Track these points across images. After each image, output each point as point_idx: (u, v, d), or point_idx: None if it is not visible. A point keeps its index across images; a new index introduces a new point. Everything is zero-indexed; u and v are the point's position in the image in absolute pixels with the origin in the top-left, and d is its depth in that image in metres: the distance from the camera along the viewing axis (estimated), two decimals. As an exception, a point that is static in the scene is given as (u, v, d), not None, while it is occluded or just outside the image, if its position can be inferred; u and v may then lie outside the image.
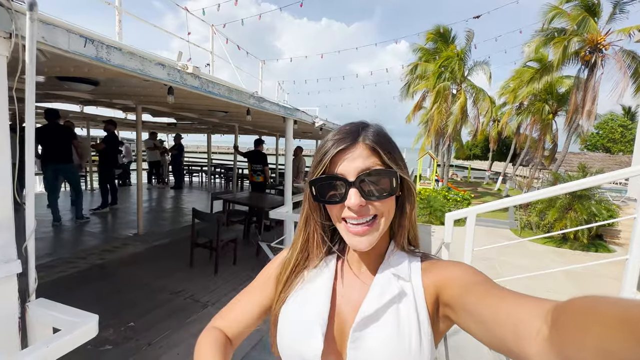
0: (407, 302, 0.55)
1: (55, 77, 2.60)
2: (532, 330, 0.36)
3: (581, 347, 0.28)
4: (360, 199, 0.52)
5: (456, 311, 0.50)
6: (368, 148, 0.54)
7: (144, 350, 2.37)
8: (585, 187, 1.91)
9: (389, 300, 0.54)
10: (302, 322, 0.57)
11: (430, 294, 0.55)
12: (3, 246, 1.18)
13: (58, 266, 3.71)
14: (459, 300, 0.50)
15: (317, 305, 0.57)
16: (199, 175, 12.97)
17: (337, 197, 0.54)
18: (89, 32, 1.46)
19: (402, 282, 0.56)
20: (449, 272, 0.55)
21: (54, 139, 4.89)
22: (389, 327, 0.53)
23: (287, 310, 0.61)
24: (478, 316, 0.45)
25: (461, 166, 30.87)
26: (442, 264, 0.58)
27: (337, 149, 0.54)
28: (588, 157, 20.17)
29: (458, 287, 0.51)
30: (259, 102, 2.86)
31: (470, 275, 0.52)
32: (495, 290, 0.46)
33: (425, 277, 0.57)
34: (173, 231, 5.44)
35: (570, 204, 7.86)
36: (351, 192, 0.53)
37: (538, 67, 12.68)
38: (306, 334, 0.55)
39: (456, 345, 2.31)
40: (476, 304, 0.46)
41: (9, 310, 1.21)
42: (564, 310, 0.33)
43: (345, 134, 0.55)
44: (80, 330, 1.13)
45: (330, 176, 0.55)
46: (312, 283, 0.61)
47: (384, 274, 0.58)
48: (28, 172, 1.21)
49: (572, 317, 0.31)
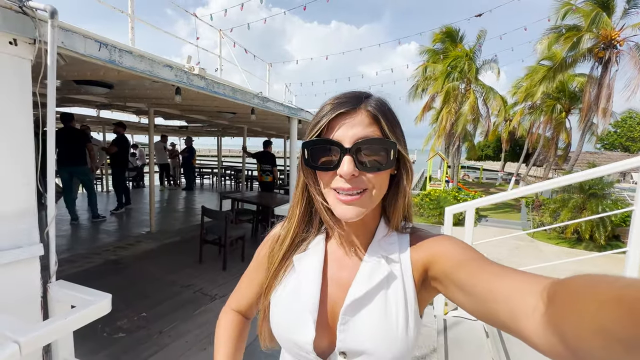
0: (396, 284, 0.54)
1: (73, 81, 2.78)
2: (528, 307, 0.36)
3: (577, 324, 0.28)
4: (353, 168, 0.49)
5: (445, 285, 0.50)
6: (370, 116, 0.51)
7: (155, 339, 2.49)
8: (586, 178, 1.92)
9: (377, 283, 0.54)
10: (293, 310, 0.57)
11: (418, 269, 0.55)
12: (27, 230, 1.30)
13: (76, 261, 3.90)
14: (450, 276, 0.49)
15: (308, 291, 0.57)
16: (210, 178, 13.25)
17: (330, 163, 0.51)
18: (104, 37, 1.59)
19: (391, 262, 0.56)
20: (438, 247, 0.54)
21: (69, 142, 5.09)
22: (376, 309, 0.53)
23: (278, 299, 0.60)
24: (469, 290, 0.45)
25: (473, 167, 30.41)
26: (430, 239, 0.56)
27: (335, 112, 0.50)
28: (605, 156, 19.61)
29: (449, 262, 0.50)
30: (263, 101, 2.98)
31: (461, 249, 0.51)
32: (488, 266, 0.45)
33: (414, 252, 0.56)
34: (183, 229, 5.61)
35: (583, 203, 7.69)
36: (345, 159, 0.49)
37: (551, 65, 12.46)
38: (298, 322, 0.56)
39: (455, 337, 2.34)
40: (469, 279, 0.45)
41: (32, 289, 1.33)
42: (561, 287, 0.32)
43: (346, 98, 0.52)
44: (95, 306, 1.24)
45: (325, 139, 0.51)
46: (302, 266, 0.60)
47: (373, 254, 0.57)
48: (49, 164, 1.34)
49: (569, 295, 0.31)
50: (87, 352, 2.23)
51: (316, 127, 0.52)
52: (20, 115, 1.25)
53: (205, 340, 2.49)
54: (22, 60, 1.25)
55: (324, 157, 0.52)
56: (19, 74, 1.25)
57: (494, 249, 6.18)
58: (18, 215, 1.28)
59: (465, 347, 2.30)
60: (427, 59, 15.13)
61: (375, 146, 0.50)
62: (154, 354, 2.30)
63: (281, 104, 3.29)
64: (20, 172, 1.27)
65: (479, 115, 14.14)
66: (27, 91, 1.27)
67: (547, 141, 16.74)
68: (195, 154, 10.73)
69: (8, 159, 1.24)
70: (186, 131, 10.33)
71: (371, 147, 0.50)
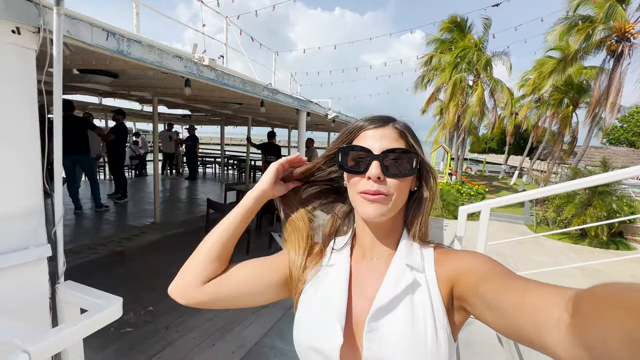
0: (421, 293, 0.55)
1: (77, 70, 2.69)
2: (552, 319, 0.35)
3: (604, 334, 0.27)
4: (380, 172, 0.55)
5: (471, 302, 0.50)
6: (397, 132, 0.59)
7: (162, 334, 2.47)
8: (600, 182, 1.85)
9: (402, 291, 0.54)
10: (320, 319, 0.58)
11: (444, 284, 0.55)
12: (34, 231, 1.25)
13: (81, 252, 3.87)
14: (475, 291, 0.49)
15: (335, 300, 0.58)
16: (213, 167, 13.18)
17: (360, 167, 0.58)
18: (110, 25, 1.50)
19: (415, 272, 0.57)
20: (463, 263, 0.55)
21: (71, 130, 4.98)
22: (403, 317, 0.53)
23: (305, 304, 0.62)
24: (496, 307, 0.45)
25: (476, 159, 30.24)
26: (455, 254, 0.58)
27: (369, 126, 0.60)
28: (610, 151, 19.39)
29: (474, 279, 0.50)
30: (273, 94, 2.88)
31: (487, 265, 0.52)
32: (515, 281, 0.45)
33: (439, 267, 0.57)
34: (188, 220, 5.58)
35: (589, 199, 7.61)
36: (374, 164, 0.56)
37: (560, 57, 12.19)
38: (325, 330, 0.56)
39: (467, 339, 2.32)
40: (495, 295, 0.45)
41: (40, 291, 1.28)
42: (585, 297, 0.32)
43: (378, 117, 0.62)
44: (106, 311, 1.19)
45: (359, 146, 0.59)
46: (328, 275, 0.62)
47: (397, 264, 0.58)
48: (57, 159, 1.27)
49: (594, 305, 0.30)
50: (96, 348, 2.22)
51: (350, 136, 0.61)
52: (25, 110, 1.18)
53: (213, 336, 2.48)
54: (26, 50, 1.17)
55: (354, 162, 0.59)
56: (22, 65, 1.16)
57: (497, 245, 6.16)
58: (24, 215, 1.22)
59: (477, 348, 2.27)
60: (434, 49, 14.81)
61: (400, 155, 0.57)
62: (162, 350, 2.28)
63: (290, 96, 3.20)
64: (25, 171, 1.21)
65: (485, 107, 13.93)
66: (32, 84, 1.19)
67: (553, 135, 16.54)
68: (199, 142, 10.63)
69: (13, 158, 1.17)
70: (189, 120, 10.21)
71: (396, 156, 0.57)
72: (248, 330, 2.60)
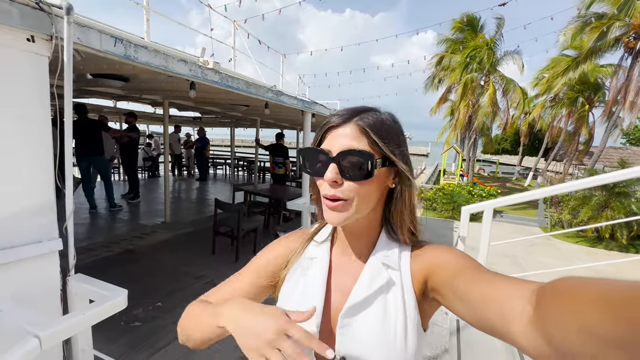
0: (395, 291, 0.56)
1: (90, 75, 2.81)
2: (516, 310, 0.37)
3: (562, 324, 0.29)
4: (336, 175, 0.53)
5: (443, 294, 0.52)
6: (358, 129, 0.54)
7: (169, 328, 2.55)
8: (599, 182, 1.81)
9: (377, 289, 0.56)
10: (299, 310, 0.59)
11: (417, 279, 0.57)
12: (47, 226, 1.33)
13: (95, 249, 4.03)
14: (449, 285, 0.51)
15: (313, 295, 0.59)
16: (223, 168, 13.39)
17: (321, 170, 0.55)
18: (119, 32, 1.58)
19: (390, 270, 0.58)
20: (437, 258, 0.56)
21: (86, 132, 5.18)
22: (375, 314, 0.55)
23: (285, 295, 0.63)
24: (466, 299, 0.46)
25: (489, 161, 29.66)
26: (431, 250, 0.59)
27: (330, 124, 0.56)
28: (630, 152, 18.69)
29: (447, 273, 0.52)
30: (277, 95, 2.94)
31: (459, 259, 0.53)
32: (483, 275, 0.47)
33: (414, 263, 0.58)
34: (197, 220, 5.70)
35: (606, 201, 7.38)
36: (330, 167, 0.54)
37: (576, 55, 11.88)
38: (302, 324, 0.57)
39: (467, 339, 2.31)
40: (465, 287, 0.47)
41: (52, 283, 1.37)
42: (548, 290, 0.33)
43: (344, 111, 0.57)
44: (112, 302, 1.26)
45: (315, 148, 0.57)
46: (309, 268, 0.64)
47: (373, 263, 0.59)
48: (67, 159, 1.36)
49: (555, 296, 0.31)
50: (106, 341, 2.31)
51: (320, 133, 0.58)
52: (39, 113, 1.26)
53: (218, 332, 2.54)
54: (40, 57, 1.26)
55: (316, 164, 0.57)
56: (37, 70, 1.25)
57: (508, 246, 6.05)
58: (38, 210, 1.30)
59: (478, 348, 2.26)
60: (445, 49, 14.65)
61: (356, 157, 0.53)
62: (169, 344, 2.36)
63: (295, 98, 3.25)
64: (39, 169, 1.29)
65: (497, 108, 13.69)
66: (45, 88, 1.28)
67: (569, 135, 16.10)
68: (209, 144, 10.83)
69: (28, 156, 1.25)
70: (200, 122, 10.41)
71: (352, 158, 0.53)
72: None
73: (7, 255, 1.19)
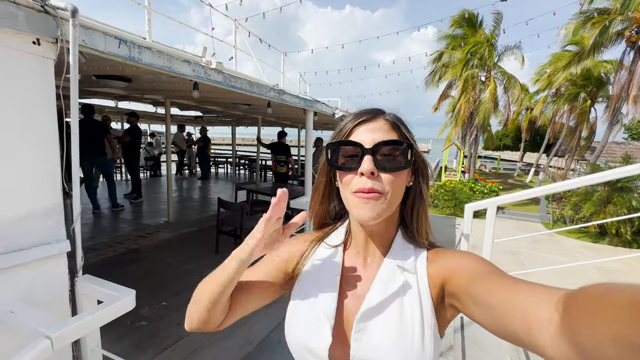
0: (411, 294, 0.55)
1: (93, 76, 2.82)
2: (543, 319, 0.35)
3: (593, 333, 0.27)
4: (373, 166, 0.52)
5: (462, 301, 0.50)
6: (389, 123, 0.56)
7: (175, 328, 2.57)
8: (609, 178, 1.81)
9: (393, 292, 0.54)
10: (310, 315, 0.58)
11: (435, 284, 0.55)
12: (55, 228, 1.34)
13: (99, 249, 4.05)
14: (466, 290, 0.49)
15: (326, 298, 0.58)
16: (225, 167, 13.40)
17: (352, 163, 0.54)
18: (122, 32, 1.58)
19: (406, 273, 0.56)
20: (455, 262, 0.54)
21: (89, 133, 5.18)
22: (391, 318, 0.53)
23: (296, 301, 0.61)
24: (486, 305, 0.45)
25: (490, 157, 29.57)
26: (448, 254, 0.57)
27: (357, 120, 0.56)
28: (633, 147, 18.61)
29: (465, 277, 0.51)
30: (279, 94, 2.94)
31: (478, 265, 0.52)
32: (504, 280, 0.45)
33: (431, 267, 0.57)
34: (200, 219, 5.72)
35: (609, 196, 7.35)
36: (366, 158, 0.52)
37: (577, 50, 11.81)
38: (315, 328, 0.56)
39: (473, 335, 2.32)
40: (484, 293, 0.45)
41: (60, 284, 1.38)
42: (575, 297, 0.32)
43: (365, 111, 0.58)
44: (120, 302, 1.27)
45: (348, 141, 0.55)
46: (320, 273, 0.62)
47: (389, 265, 0.58)
48: (74, 161, 1.36)
49: (584, 304, 0.30)
50: (113, 340, 2.33)
51: (340, 133, 0.57)
52: (45, 115, 1.27)
53: (221, 333, 2.56)
54: (46, 60, 1.26)
55: (346, 159, 0.55)
56: (42, 73, 1.26)
57: (511, 243, 6.04)
58: (46, 212, 1.31)
59: (483, 345, 2.27)
60: (446, 45, 14.58)
61: (393, 147, 0.54)
62: (174, 344, 2.38)
63: (297, 96, 3.25)
64: (45, 172, 1.30)
65: (497, 104, 13.63)
66: (50, 91, 1.28)
67: (570, 130, 16.04)
68: (210, 143, 10.84)
69: (35, 159, 1.26)
70: (201, 121, 10.42)
71: (390, 148, 0.54)
72: (257, 325, 2.67)
73: (17, 257, 1.21)
